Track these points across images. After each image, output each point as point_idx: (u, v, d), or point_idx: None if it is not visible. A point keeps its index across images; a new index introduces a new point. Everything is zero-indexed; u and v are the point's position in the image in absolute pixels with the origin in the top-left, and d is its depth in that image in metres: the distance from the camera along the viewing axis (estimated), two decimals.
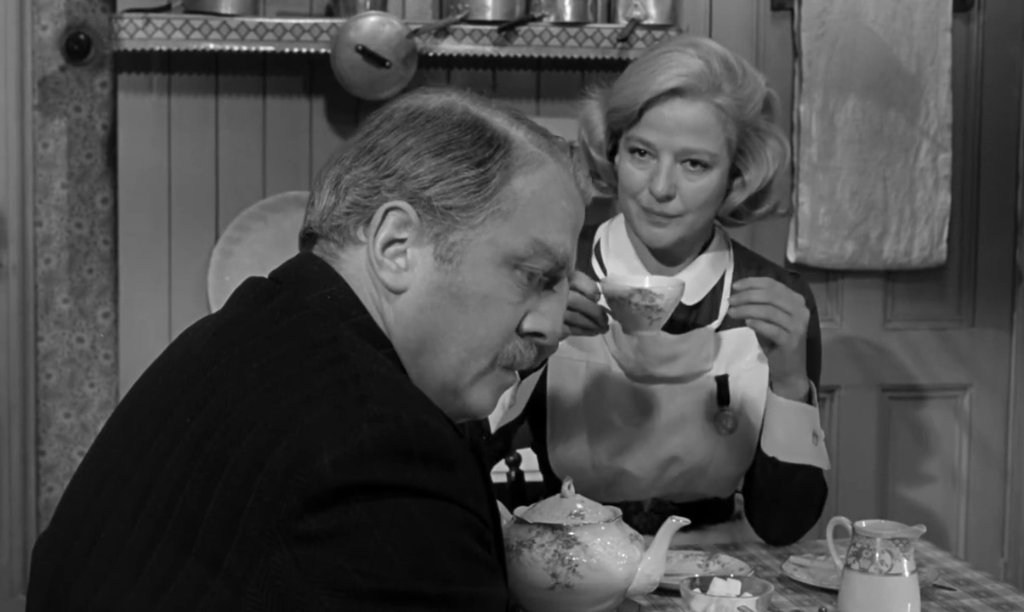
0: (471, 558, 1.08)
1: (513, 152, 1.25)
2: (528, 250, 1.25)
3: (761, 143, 2.05)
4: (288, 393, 1.11)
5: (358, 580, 1.04)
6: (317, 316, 1.20)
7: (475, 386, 1.27)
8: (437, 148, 1.23)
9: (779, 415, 1.98)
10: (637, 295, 1.87)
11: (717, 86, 1.99)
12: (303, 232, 1.30)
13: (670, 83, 1.98)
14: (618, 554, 1.61)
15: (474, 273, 1.23)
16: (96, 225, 3.58)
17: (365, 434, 1.06)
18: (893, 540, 1.63)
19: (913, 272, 3.51)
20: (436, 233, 1.23)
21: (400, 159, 1.23)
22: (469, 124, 1.25)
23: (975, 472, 3.59)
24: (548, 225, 1.26)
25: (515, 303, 1.26)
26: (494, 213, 1.24)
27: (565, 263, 1.29)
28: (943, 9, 3.42)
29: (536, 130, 1.29)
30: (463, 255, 1.23)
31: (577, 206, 1.31)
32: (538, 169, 1.26)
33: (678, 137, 1.99)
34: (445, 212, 1.23)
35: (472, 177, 1.23)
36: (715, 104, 1.99)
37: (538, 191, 1.26)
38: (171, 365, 1.23)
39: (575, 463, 2.05)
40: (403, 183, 1.23)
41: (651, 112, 2.00)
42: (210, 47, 3.11)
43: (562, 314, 1.31)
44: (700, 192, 2.01)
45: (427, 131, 1.24)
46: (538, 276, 1.27)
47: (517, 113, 1.30)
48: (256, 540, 1.05)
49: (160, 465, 1.13)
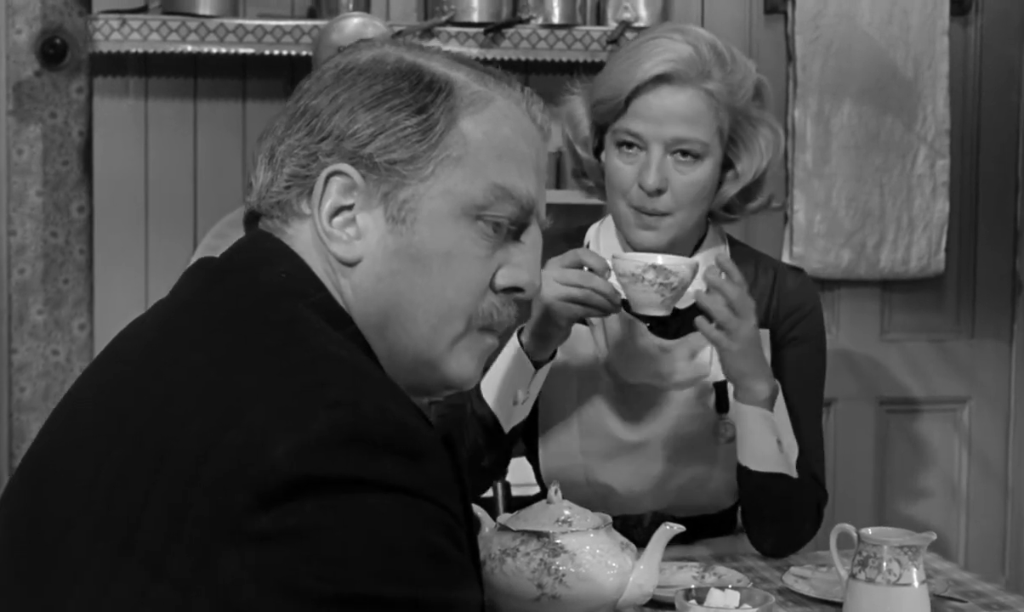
0: (442, 559, 0.97)
1: (456, 93, 1.15)
2: (488, 196, 1.14)
3: (754, 131, 1.96)
4: (238, 379, 1.00)
5: (316, 585, 0.93)
6: (272, 296, 1.09)
7: (452, 353, 1.16)
8: (372, 100, 1.13)
9: (742, 421, 1.89)
10: (651, 271, 1.81)
11: (706, 72, 1.91)
12: (246, 214, 1.19)
13: (657, 69, 1.89)
14: (608, 563, 1.51)
15: (432, 230, 1.13)
16: (72, 234, 3.49)
17: (323, 422, 0.95)
18: (901, 548, 1.54)
19: (911, 282, 3.44)
20: (384, 193, 1.13)
21: (334, 118, 1.13)
22: (404, 71, 1.15)
23: (975, 487, 3.53)
24: (506, 167, 1.15)
25: (483, 257, 1.16)
26: (444, 161, 1.13)
27: (532, 207, 1.18)
28: (940, 12, 3.35)
29: (479, 69, 1.19)
30: (417, 212, 1.13)
31: (536, 144, 1.19)
32: (486, 107, 1.16)
33: (667, 126, 1.90)
34: (390, 168, 1.12)
35: (414, 125, 1.12)
36: (705, 90, 1.91)
37: (490, 131, 1.15)
38: (116, 355, 1.13)
39: (568, 475, 1.95)
40: (340, 144, 1.13)
41: (638, 101, 1.91)
42: (188, 49, 3.04)
43: (538, 263, 1.20)
44: (691, 186, 1.92)
45: (359, 85, 1.14)
46: (505, 225, 1.16)
47: (457, 56, 1.20)
48: (202, 542, 0.94)
49: (100, 462, 1.03)
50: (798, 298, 2.04)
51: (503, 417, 1.91)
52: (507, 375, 1.89)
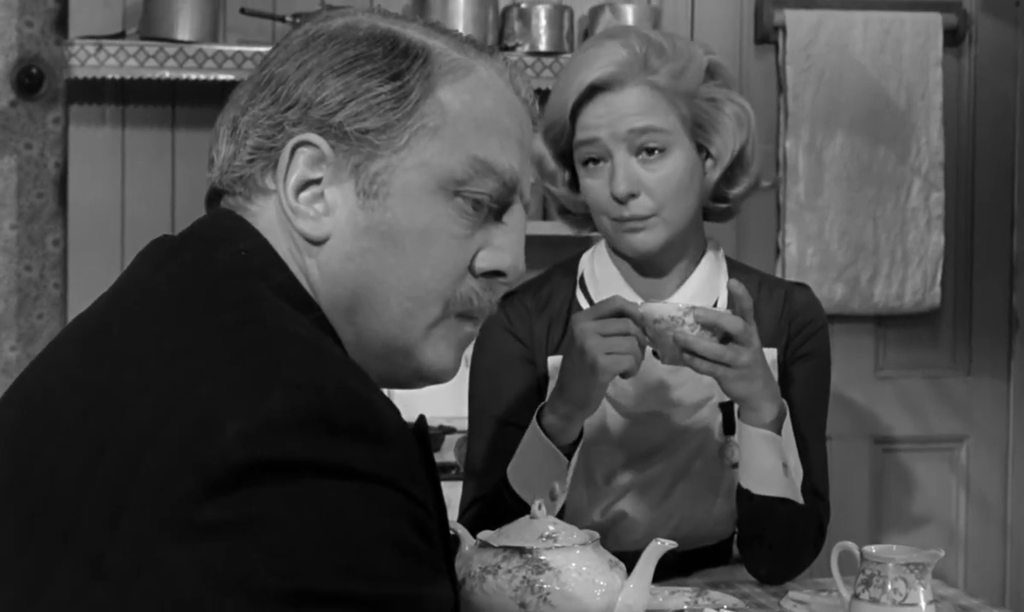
0: (409, 552, 0.88)
1: (434, 60, 1.07)
2: (467, 170, 1.06)
3: (717, 111, 1.86)
4: (186, 359, 0.91)
5: (270, 580, 0.83)
6: (229, 274, 1.00)
7: (428, 340, 1.07)
8: (342, 65, 1.05)
9: (746, 443, 1.78)
10: (692, 314, 1.68)
11: (644, 65, 1.82)
12: (208, 192, 1.11)
13: (592, 77, 1.80)
14: (595, 581, 1.41)
15: (406, 205, 1.04)
16: (47, 268, 3.40)
17: (278, 401, 0.86)
18: (907, 566, 1.45)
19: (906, 317, 3.37)
20: (355, 164, 1.04)
21: (301, 85, 1.05)
22: (379, 37, 1.06)
23: (973, 529, 3.44)
24: (487, 139, 1.07)
25: (461, 237, 1.07)
26: (419, 131, 1.05)
27: (515, 185, 1.09)
28: (933, 42, 3.30)
29: (459, 37, 1.11)
30: (390, 185, 1.04)
31: (520, 116, 1.11)
32: (466, 76, 1.07)
33: (619, 125, 1.81)
34: (361, 137, 1.04)
35: (388, 92, 1.04)
36: (648, 83, 1.81)
37: (469, 101, 1.07)
38: (64, 338, 1.05)
39: (573, 506, 1.86)
40: (308, 112, 1.04)
41: (582, 115, 1.82)
42: (166, 75, 2.97)
43: (522, 246, 1.11)
44: (666, 181, 1.82)
45: (329, 50, 1.06)
46: (485, 203, 1.08)
47: (436, 24, 1.12)
48: (144, 535, 0.84)
49: (35, 452, 0.94)
50: (809, 314, 1.96)
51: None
52: (535, 466, 1.77)
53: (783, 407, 1.78)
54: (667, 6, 3.25)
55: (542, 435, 1.76)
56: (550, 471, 1.76)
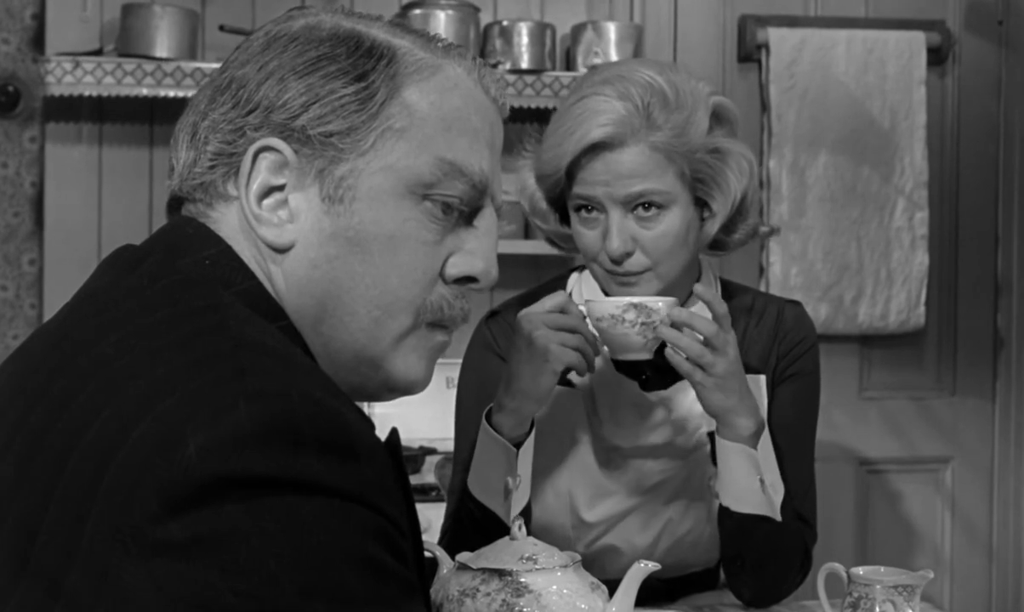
0: (378, 571, 0.84)
1: (399, 59, 1.03)
2: (435, 173, 1.03)
3: (721, 165, 1.78)
4: (148, 370, 0.87)
5: (233, 601, 0.79)
6: (192, 282, 0.97)
7: (398, 351, 1.04)
8: (305, 67, 1.01)
9: (723, 458, 1.74)
10: (632, 311, 1.67)
11: (646, 121, 1.72)
12: (168, 199, 1.07)
13: (590, 137, 1.71)
14: (576, 604, 1.38)
15: (373, 210, 1.01)
16: (23, 288, 3.36)
17: (242, 414, 0.82)
18: (896, 588, 1.42)
19: (890, 337, 3.34)
20: (319, 169, 1.01)
21: (263, 88, 1.01)
22: (342, 37, 1.03)
23: (959, 550, 3.42)
24: (456, 141, 1.04)
25: (431, 242, 1.03)
26: (385, 133, 1.01)
27: (485, 187, 1.06)
28: (917, 62, 3.28)
29: (425, 36, 1.08)
30: (355, 190, 1.01)
31: (489, 116, 1.08)
32: (433, 76, 1.04)
33: (618, 187, 1.73)
34: (325, 141, 1.00)
35: (352, 93, 1.01)
36: (650, 143, 1.72)
37: (437, 101, 1.04)
38: (24, 350, 1.01)
39: (558, 536, 1.82)
40: (269, 116, 1.01)
41: (580, 171, 1.74)
42: (144, 92, 2.94)
43: (494, 251, 1.08)
44: (662, 239, 1.75)
45: (291, 51, 1.02)
46: (455, 207, 1.05)
47: (401, 23, 1.08)
48: (104, 554, 0.81)
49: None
50: (800, 333, 1.91)
51: (502, 511, 1.74)
52: (489, 465, 1.74)
53: (761, 423, 1.75)
54: (650, 24, 3.23)
55: (491, 432, 1.72)
56: (504, 467, 1.73)
